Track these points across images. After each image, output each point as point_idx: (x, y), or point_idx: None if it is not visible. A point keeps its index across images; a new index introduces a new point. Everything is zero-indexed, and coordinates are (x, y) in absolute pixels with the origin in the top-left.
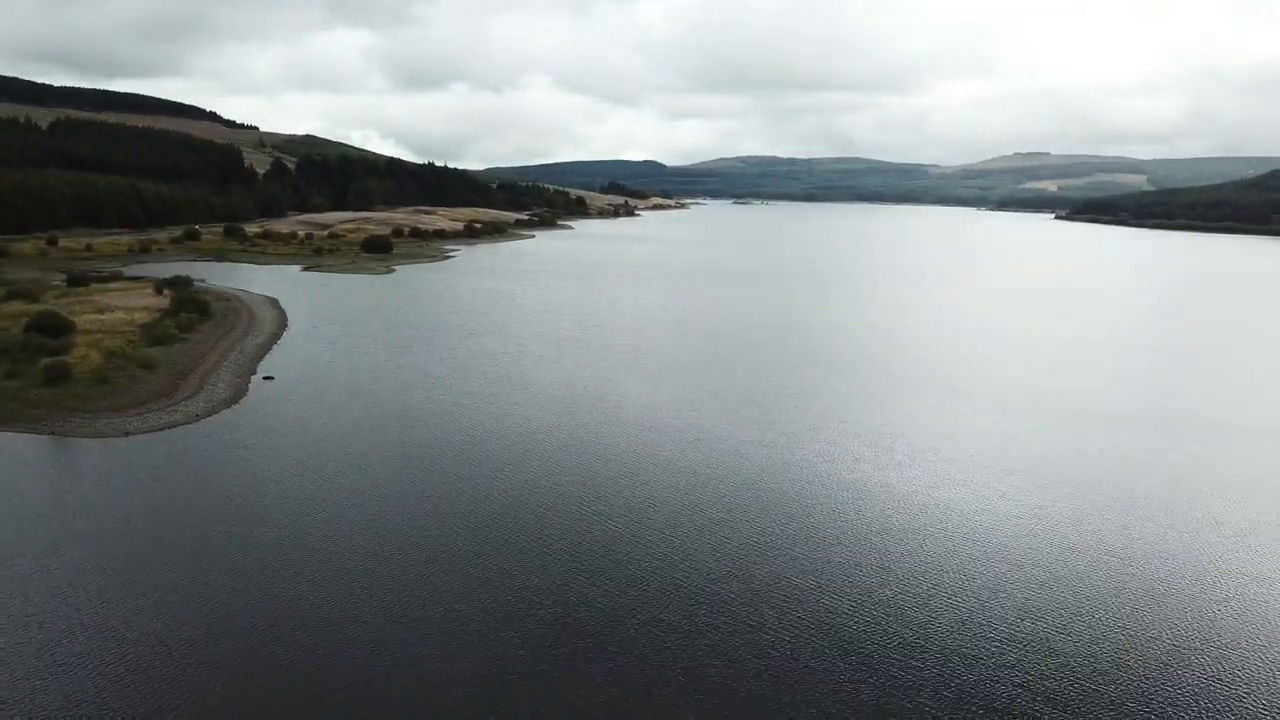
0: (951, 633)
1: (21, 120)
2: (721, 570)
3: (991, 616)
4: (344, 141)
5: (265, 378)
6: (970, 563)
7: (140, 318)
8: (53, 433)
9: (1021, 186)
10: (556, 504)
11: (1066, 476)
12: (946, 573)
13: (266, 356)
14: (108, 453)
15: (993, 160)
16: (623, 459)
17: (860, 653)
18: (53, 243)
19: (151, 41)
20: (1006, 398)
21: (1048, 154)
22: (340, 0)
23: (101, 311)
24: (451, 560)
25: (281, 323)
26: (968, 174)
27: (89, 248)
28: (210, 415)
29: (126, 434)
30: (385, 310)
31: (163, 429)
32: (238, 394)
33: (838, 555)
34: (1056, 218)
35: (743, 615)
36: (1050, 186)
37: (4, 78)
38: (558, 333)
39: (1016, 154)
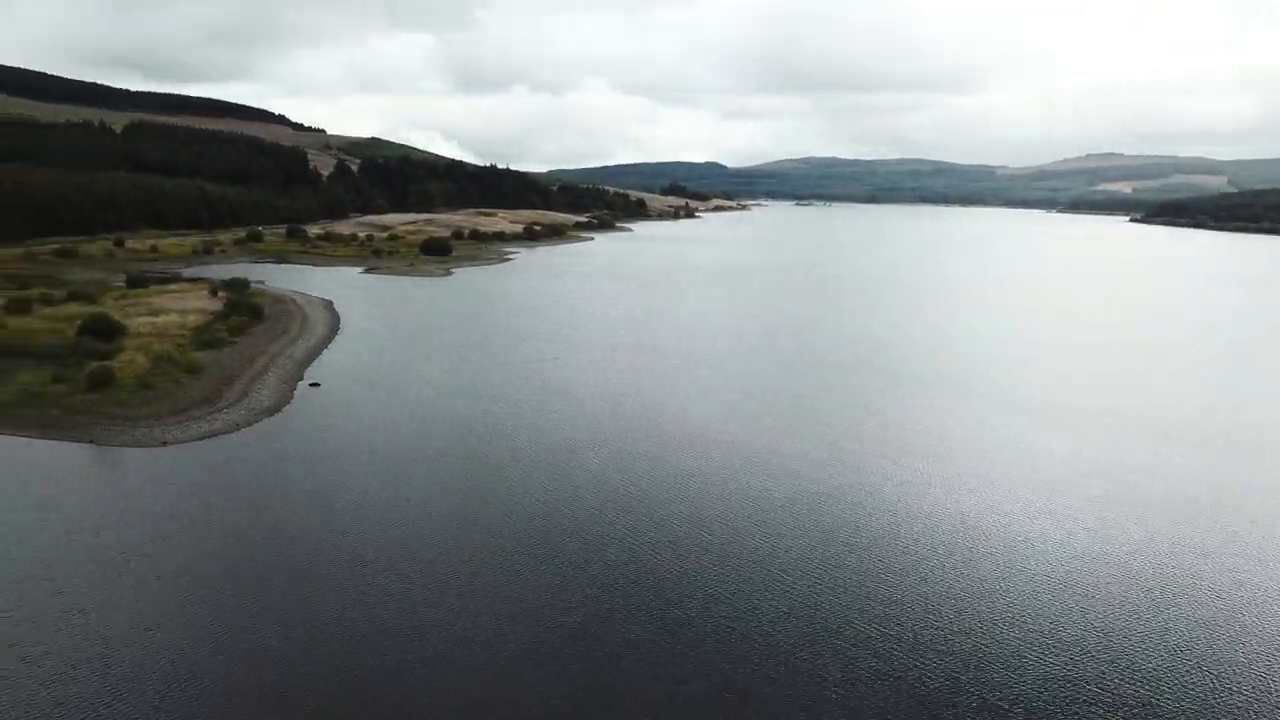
0: (1041, 691)
1: (97, 124)
2: (780, 610)
3: (1090, 675)
4: (407, 144)
5: (312, 384)
6: (1063, 610)
7: (193, 320)
8: (91, 440)
9: (1093, 188)
10: (603, 531)
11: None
12: (1035, 620)
13: (315, 361)
14: (144, 462)
15: (1063, 161)
16: (676, 478)
17: (934, 715)
18: (120, 244)
19: (222, 46)
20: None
21: (1120, 154)
22: (401, 4)
23: (156, 314)
24: (487, 590)
25: (334, 326)
26: (1037, 175)
27: (154, 249)
28: (252, 424)
29: (164, 443)
30: (440, 313)
31: (202, 438)
32: (282, 401)
33: (908, 595)
34: (1131, 220)
35: (803, 665)
36: (1124, 188)
37: (81, 83)
38: (613, 339)
39: (1088, 155)
